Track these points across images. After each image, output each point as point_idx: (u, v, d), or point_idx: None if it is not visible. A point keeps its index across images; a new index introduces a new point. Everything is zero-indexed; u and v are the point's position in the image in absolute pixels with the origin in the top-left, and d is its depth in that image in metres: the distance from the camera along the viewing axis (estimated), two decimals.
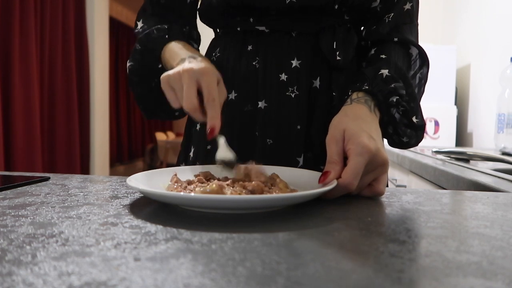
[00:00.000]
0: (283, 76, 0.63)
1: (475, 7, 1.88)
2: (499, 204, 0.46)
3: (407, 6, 0.66)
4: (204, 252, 0.28)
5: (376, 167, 0.47)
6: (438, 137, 1.81)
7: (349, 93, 0.58)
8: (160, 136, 6.34)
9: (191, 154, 0.71)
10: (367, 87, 0.57)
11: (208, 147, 0.67)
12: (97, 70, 3.75)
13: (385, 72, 0.59)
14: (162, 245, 0.29)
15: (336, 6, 0.62)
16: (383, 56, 0.62)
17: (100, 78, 3.82)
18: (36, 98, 3.01)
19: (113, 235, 0.32)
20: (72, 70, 3.44)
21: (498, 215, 0.40)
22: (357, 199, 0.47)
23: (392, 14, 0.65)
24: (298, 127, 0.63)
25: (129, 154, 6.14)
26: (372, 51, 0.66)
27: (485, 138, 1.72)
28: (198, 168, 0.54)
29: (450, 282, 0.24)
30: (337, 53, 0.63)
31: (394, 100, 0.57)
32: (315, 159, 0.64)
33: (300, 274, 0.24)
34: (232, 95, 0.66)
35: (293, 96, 0.63)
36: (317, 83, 0.64)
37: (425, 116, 0.63)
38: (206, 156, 0.67)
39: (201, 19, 0.75)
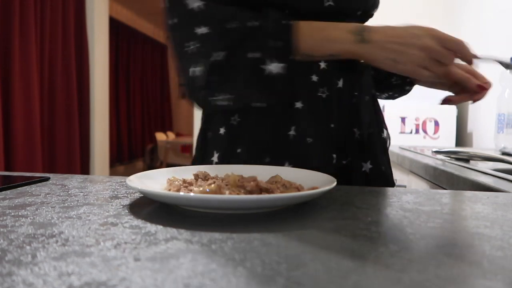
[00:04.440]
0: (314, 77, 0.65)
1: (475, 7, 1.88)
2: (499, 204, 0.46)
3: None
4: (204, 252, 0.28)
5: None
6: (438, 137, 1.81)
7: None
8: (160, 136, 6.34)
9: (215, 159, 0.68)
10: None
11: (238, 150, 0.66)
12: (97, 70, 3.74)
13: None
14: (162, 245, 0.29)
15: (359, 13, 0.66)
16: None
17: (100, 78, 3.82)
18: (36, 98, 3.01)
19: (113, 235, 0.32)
20: (72, 70, 3.44)
21: (498, 215, 0.40)
22: (357, 199, 0.47)
23: None
24: (332, 125, 0.66)
25: (129, 154, 6.14)
26: None
27: (485, 138, 1.72)
28: (197, 168, 0.54)
29: (450, 282, 0.24)
30: None
31: None
32: (340, 154, 0.67)
33: (300, 274, 0.24)
34: None
35: (324, 96, 0.66)
36: (340, 83, 0.67)
37: (425, 116, 0.66)
38: (236, 158, 0.66)
39: None
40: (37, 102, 3.03)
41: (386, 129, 0.76)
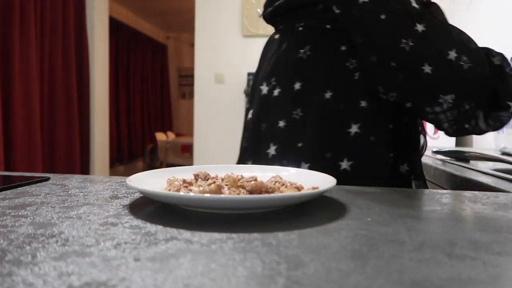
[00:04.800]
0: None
1: (475, 7, 1.88)
2: (499, 204, 0.46)
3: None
4: (204, 252, 0.28)
5: None
6: (438, 137, 1.81)
7: None
8: (160, 136, 6.34)
9: (271, 151, 0.68)
10: None
11: (299, 144, 0.66)
12: (97, 70, 3.74)
13: None
14: (162, 245, 0.29)
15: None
16: None
17: (100, 78, 3.82)
18: (36, 98, 3.01)
19: (113, 235, 0.32)
20: (72, 70, 3.44)
21: (498, 215, 0.40)
22: (357, 199, 0.47)
23: None
24: (391, 126, 0.67)
25: (129, 154, 6.14)
26: None
27: (485, 138, 1.71)
28: (197, 168, 0.54)
29: (450, 282, 0.24)
30: None
31: None
32: (400, 153, 0.68)
33: (300, 274, 0.24)
34: (328, 95, 0.66)
35: (384, 97, 0.65)
36: None
37: None
38: (297, 153, 0.66)
39: (273, 18, 0.75)
40: (37, 102, 3.03)
41: (424, 135, 0.77)
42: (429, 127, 1.80)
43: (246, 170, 0.56)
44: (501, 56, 0.64)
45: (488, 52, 0.64)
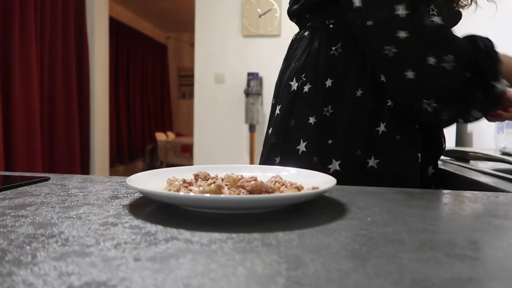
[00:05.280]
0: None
1: (475, 7, 1.88)
2: (499, 204, 0.46)
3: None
4: (204, 252, 0.28)
5: None
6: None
7: None
8: (160, 136, 6.34)
9: (301, 147, 0.69)
10: None
11: (330, 141, 0.67)
12: (97, 70, 3.74)
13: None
14: (162, 245, 0.29)
15: None
16: None
17: (100, 78, 3.82)
18: (36, 98, 3.01)
19: (113, 235, 0.32)
20: (72, 70, 3.44)
21: (498, 215, 0.40)
22: (357, 199, 0.47)
23: None
24: (416, 126, 0.67)
25: (129, 154, 6.14)
26: None
27: (485, 138, 1.72)
28: (197, 168, 0.54)
29: (450, 282, 0.24)
30: None
31: None
32: (427, 155, 0.70)
33: (300, 274, 0.24)
34: (359, 93, 0.67)
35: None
36: None
37: None
38: (328, 149, 0.67)
39: (300, 15, 0.76)
40: (37, 102, 3.02)
41: (443, 136, 0.77)
42: None
43: (246, 170, 0.56)
44: (486, 40, 0.64)
45: (474, 40, 0.64)
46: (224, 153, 3.55)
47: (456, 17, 0.66)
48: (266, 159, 0.74)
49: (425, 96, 0.61)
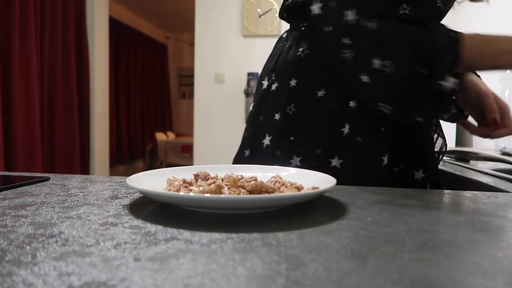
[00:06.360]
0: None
1: (475, 7, 1.88)
2: (499, 204, 0.46)
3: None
4: (204, 252, 0.28)
5: None
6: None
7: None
8: (160, 136, 6.34)
9: (266, 141, 0.71)
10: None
11: (292, 138, 0.68)
12: (97, 70, 3.74)
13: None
14: (162, 245, 0.29)
15: None
16: None
17: (100, 78, 3.82)
18: (36, 98, 3.01)
19: (113, 235, 0.32)
20: (72, 70, 3.44)
21: (498, 215, 0.40)
22: (357, 199, 0.47)
23: None
24: (382, 129, 0.66)
25: (129, 154, 6.14)
26: None
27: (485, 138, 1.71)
28: (197, 168, 0.54)
29: (450, 282, 0.24)
30: None
31: None
32: (399, 158, 0.67)
33: (300, 274, 0.24)
34: (321, 93, 0.67)
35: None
36: None
37: None
38: (289, 145, 0.68)
39: (283, 16, 0.76)
40: (37, 102, 3.03)
41: (444, 138, 0.76)
42: None
43: (246, 170, 0.56)
44: (446, 34, 0.60)
45: (431, 36, 0.60)
46: (224, 153, 3.55)
47: (436, 13, 0.66)
48: (238, 153, 0.78)
49: (378, 100, 0.62)
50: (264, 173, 0.53)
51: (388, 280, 0.24)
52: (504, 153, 1.25)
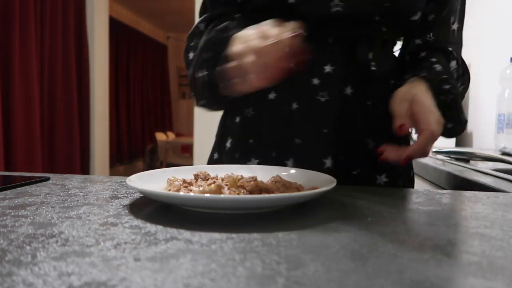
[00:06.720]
0: (316, 81, 0.65)
1: (475, 7, 1.88)
2: (499, 204, 0.46)
3: (454, 26, 0.69)
4: (204, 252, 0.28)
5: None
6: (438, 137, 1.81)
7: (405, 78, 0.62)
8: (160, 136, 6.34)
9: (228, 144, 0.72)
10: (424, 74, 0.60)
11: (250, 140, 0.69)
12: (97, 70, 3.74)
13: (438, 66, 0.63)
14: (162, 245, 0.29)
15: (377, 18, 0.63)
16: (433, 59, 0.65)
17: (100, 78, 3.81)
18: (36, 98, 3.01)
19: (113, 235, 0.32)
20: (72, 70, 3.44)
21: (498, 215, 0.40)
22: (357, 199, 0.47)
23: (437, 32, 0.69)
24: (325, 130, 0.65)
25: (129, 154, 6.14)
26: (422, 54, 0.68)
27: (485, 138, 1.72)
28: (197, 168, 0.54)
29: (450, 282, 0.24)
30: (373, 63, 0.64)
31: (447, 87, 0.61)
32: (347, 163, 0.65)
33: (300, 274, 0.24)
34: (272, 96, 0.67)
35: (322, 100, 0.65)
36: (348, 90, 0.65)
37: None
38: (248, 148, 0.69)
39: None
40: (37, 102, 3.02)
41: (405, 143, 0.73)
42: None
43: (247, 170, 0.56)
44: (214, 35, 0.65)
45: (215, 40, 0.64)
46: None
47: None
48: (209, 156, 0.80)
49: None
50: (264, 173, 0.53)
51: (388, 280, 0.24)
52: (504, 153, 1.25)
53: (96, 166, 3.76)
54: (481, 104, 1.80)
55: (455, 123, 0.64)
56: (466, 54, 2.10)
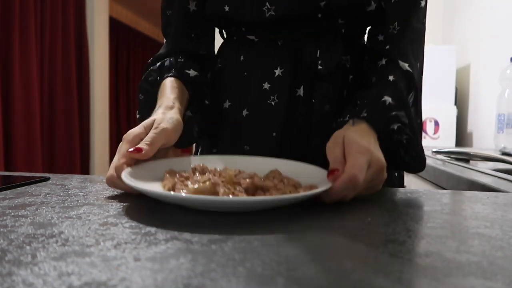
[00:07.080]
0: (266, 85, 0.65)
1: (475, 7, 1.88)
2: (499, 204, 0.46)
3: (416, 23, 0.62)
4: (204, 252, 0.28)
5: (374, 171, 0.47)
6: (438, 137, 1.81)
7: (347, 117, 0.55)
8: None
9: (198, 153, 0.75)
10: (365, 115, 0.54)
11: (214, 150, 0.71)
12: (97, 70, 3.74)
13: (388, 99, 0.55)
14: (162, 245, 0.29)
15: (320, 15, 0.61)
16: (391, 79, 0.58)
17: (100, 78, 3.81)
18: (36, 98, 3.00)
19: (113, 235, 0.32)
20: (72, 70, 3.44)
21: (498, 215, 0.40)
22: (357, 199, 0.47)
23: (398, 25, 0.62)
24: (274, 134, 0.64)
25: None
26: (382, 62, 0.61)
27: (485, 138, 1.72)
28: (194, 160, 0.54)
29: (450, 282, 0.24)
30: (319, 61, 0.62)
31: (395, 127, 0.55)
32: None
33: (300, 274, 0.24)
34: (227, 104, 0.68)
35: (273, 104, 0.64)
36: (300, 91, 0.64)
37: (425, 116, 0.64)
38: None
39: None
40: (37, 102, 3.02)
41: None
42: (429, 127, 1.81)
43: (248, 162, 0.55)
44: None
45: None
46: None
47: None
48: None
49: None
50: (264, 166, 0.52)
51: (388, 280, 0.24)
52: (504, 153, 1.25)
53: (96, 166, 3.76)
54: (481, 104, 1.80)
55: (413, 161, 0.58)
56: (466, 54, 2.11)
